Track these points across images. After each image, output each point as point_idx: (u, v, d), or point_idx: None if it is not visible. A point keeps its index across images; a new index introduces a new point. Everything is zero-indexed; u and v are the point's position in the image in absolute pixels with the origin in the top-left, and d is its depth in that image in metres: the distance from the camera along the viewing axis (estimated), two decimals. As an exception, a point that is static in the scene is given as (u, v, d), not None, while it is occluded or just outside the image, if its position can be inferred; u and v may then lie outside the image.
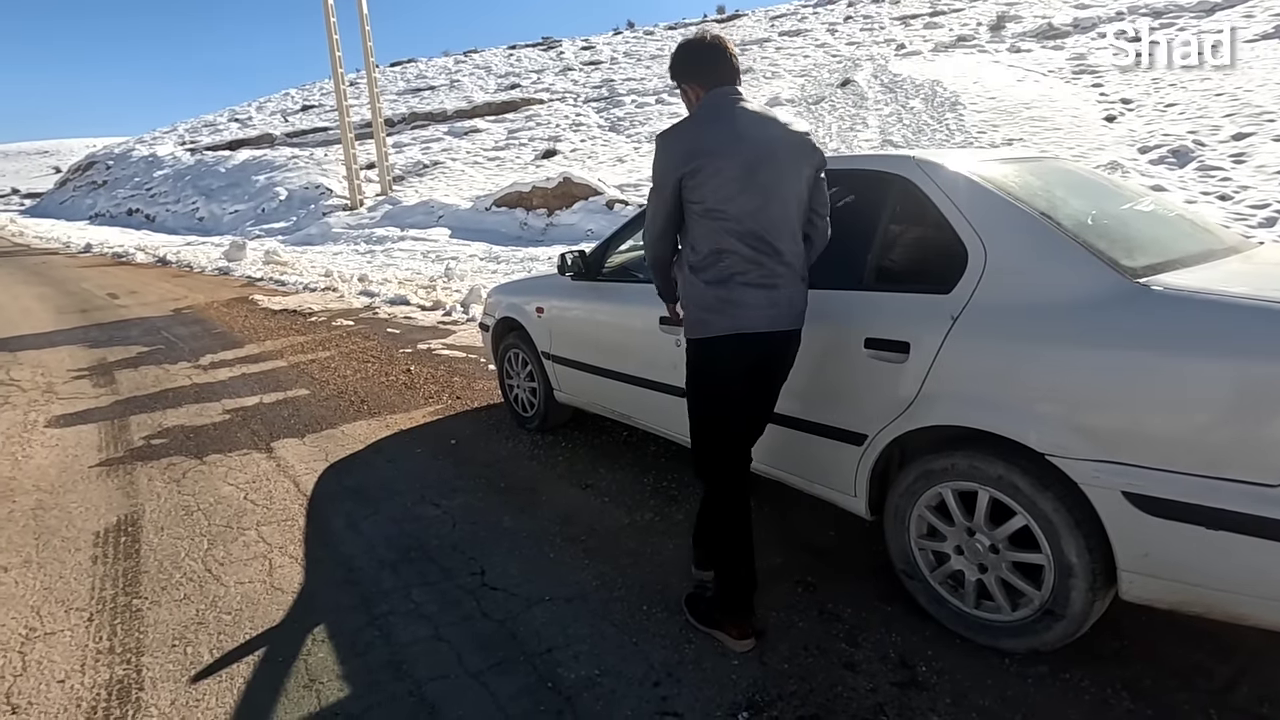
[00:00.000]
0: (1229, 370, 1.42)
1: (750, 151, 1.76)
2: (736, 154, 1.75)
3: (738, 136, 1.76)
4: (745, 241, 1.78)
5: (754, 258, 1.79)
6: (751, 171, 1.75)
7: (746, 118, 1.80)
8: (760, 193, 1.77)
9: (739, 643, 1.90)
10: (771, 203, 1.78)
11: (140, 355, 5.93)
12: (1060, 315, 1.65)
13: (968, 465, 1.77)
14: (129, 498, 3.10)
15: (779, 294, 1.82)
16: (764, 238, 1.79)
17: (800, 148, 1.84)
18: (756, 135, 1.78)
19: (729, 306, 1.80)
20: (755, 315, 1.80)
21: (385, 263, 12.10)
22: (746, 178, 1.75)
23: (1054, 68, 16.22)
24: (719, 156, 1.74)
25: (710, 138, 1.77)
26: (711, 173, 1.75)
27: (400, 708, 1.75)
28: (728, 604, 1.93)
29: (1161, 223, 2.17)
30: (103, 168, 38.85)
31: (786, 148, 1.81)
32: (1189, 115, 10.96)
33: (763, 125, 1.80)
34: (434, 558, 2.46)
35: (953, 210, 1.88)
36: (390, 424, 3.89)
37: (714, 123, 1.79)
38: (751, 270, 1.79)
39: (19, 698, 1.87)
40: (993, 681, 1.73)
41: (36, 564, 2.56)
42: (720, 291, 1.80)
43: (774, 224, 1.79)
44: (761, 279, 1.80)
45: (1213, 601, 1.52)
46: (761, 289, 1.80)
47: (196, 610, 2.22)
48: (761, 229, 1.78)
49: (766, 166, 1.77)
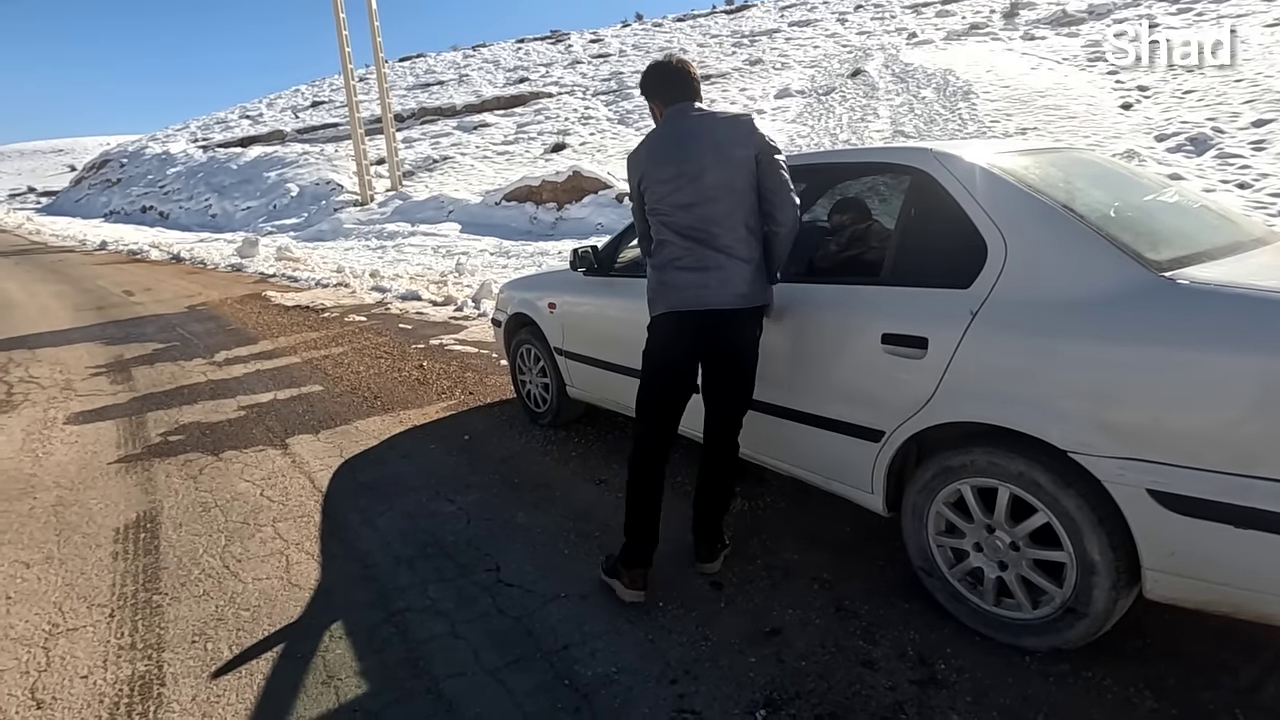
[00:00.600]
0: (1260, 366, 1.39)
1: (684, 157, 2.00)
2: (672, 162, 2.02)
3: (676, 146, 2.03)
4: (680, 233, 2.02)
5: (688, 246, 2.02)
6: (683, 174, 2.00)
7: (688, 126, 2.04)
8: (693, 190, 1.99)
9: (628, 592, 2.08)
10: (704, 198, 1.99)
11: (156, 352, 5.98)
12: (1083, 310, 1.62)
13: (987, 462, 1.75)
14: (147, 494, 3.13)
15: (710, 275, 2.01)
16: (698, 228, 2.01)
17: (734, 140, 2.01)
18: (692, 142, 2.01)
19: (665, 289, 2.06)
20: (686, 295, 2.02)
21: (396, 258, 12.14)
22: (679, 179, 2.00)
23: (1069, 55, 15.98)
24: (659, 165, 2.04)
25: (655, 152, 2.07)
26: (654, 180, 2.05)
27: (418, 705, 1.75)
28: (626, 555, 2.11)
29: (1186, 214, 2.12)
30: (117, 166, 39.20)
31: (718, 147, 2.00)
32: (1208, 102, 10.78)
33: (700, 132, 2.03)
34: (449, 554, 2.47)
35: (971, 203, 1.85)
36: (404, 420, 3.90)
37: (661, 138, 2.07)
38: (685, 257, 2.03)
39: (43, 693, 1.89)
40: (1013, 680, 1.71)
41: (58, 560, 2.59)
42: (661, 275, 2.08)
43: (708, 217, 2.00)
44: (693, 264, 2.02)
45: (1241, 601, 1.50)
46: (693, 272, 2.02)
47: (216, 606, 2.24)
48: (696, 221, 2.01)
49: (697, 167, 1.99)
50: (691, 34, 34.98)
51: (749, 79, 23.74)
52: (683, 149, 2.00)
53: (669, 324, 2.06)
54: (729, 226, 2.00)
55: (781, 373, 2.26)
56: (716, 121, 2.03)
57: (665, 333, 2.08)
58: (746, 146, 2.00)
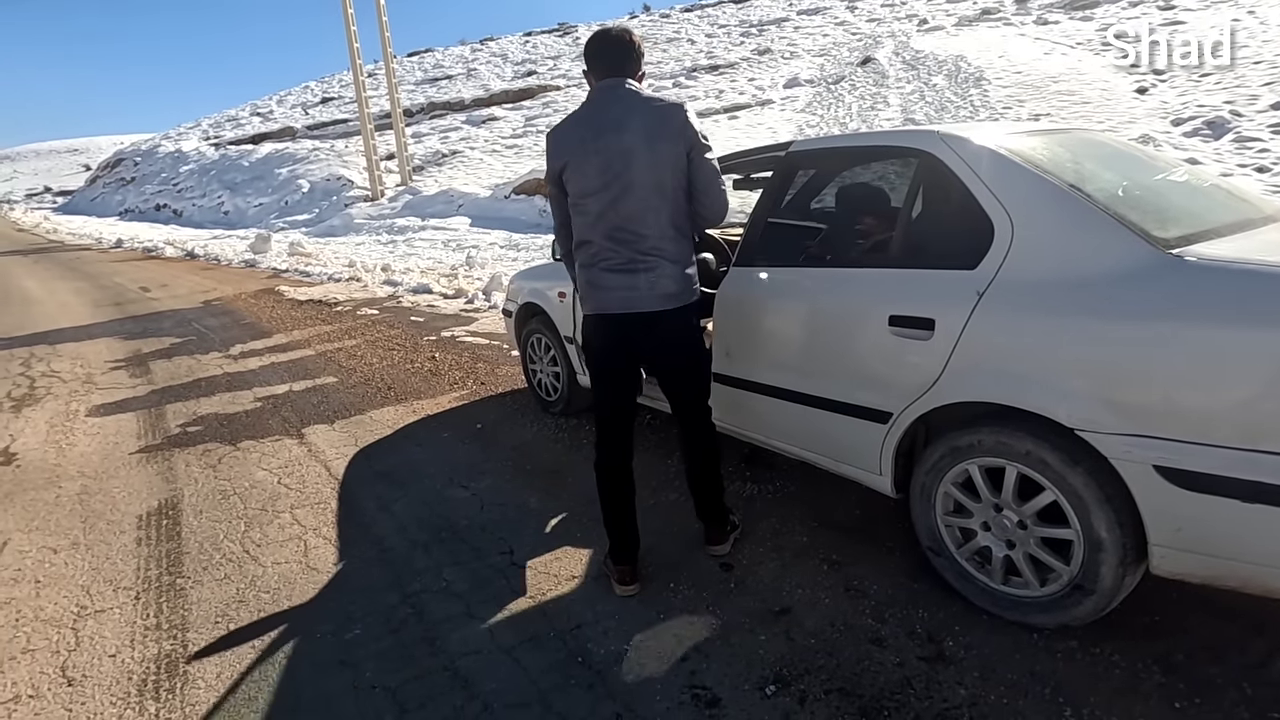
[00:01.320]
0: (1267, 340, 1.39)
1: (607, 149, 1.88)
2: (595, 152, 1.89)
3: (598, 133, 1.89)
4: (604, 233, 1.94)
5: (613, 247, 1.94)
6: (607, 167, 1.88)
7: (614, 112, 1.90)
8: (618, 186, 1.89)
9: (620, 587, 2.12)
10: (629, 195, 1.89)
11: (173, 346, 6.08)
12: (1090, 289, 1.62)
13: (995, 441, 1.76)
14: (168, 483, 3.20)
15: (639, 278, 1.94)
16: (624, 227, 1.92)
17: (664, 134, 1.88)
18: (619, 133, 1.88)
19: (592, 289, 2.00)
20: (614, 296, 1.97)
21: (407, 252, 12.22)
22: (603, 173, 1.89)
23: (1083, 39, 15.76)
24: (580, 154, 1.91)
25: (574, 136, 1.94)
26: (577, 173, 1.93)
27: (435, 681, 1.80)
28: (612, 553, 2.16)
29: (1195, 193, 2.12)
30: (130, 164, 39.61)
31: (646, 140, 1.87)
32: (1225, 85, 10.61)
33: (627, 119, 1.88)
34: (464, 538, 2.51)
35: (978, 184, 1.86)
36: (417, 409, 3.95)
37: (583, 121, 1.95)
38: (613, 257, 1.95)
39: (74, 671, 1.95)
40: (1021, 656, 1.73)
41: (84, 546, 2.66)
42: (588, 275, 2.01)
43: (633, 214, 1.91)
44: (620, 265, 1.95)
45: (1248, 575, 1.51)
46: (621, 274, 1.95)
47: (237, 589, 2.29)
48: (621, 220, 1.91)
49: (621, 161, 1.88)
50: (699, 24, 34.79)
51: (757, 69, 23.62)
52: (609, 140, 1.88)
53: (599, 325, 2.03)
54: (657, 227, 1.93)
55: (790, 357, 2.29)
56: (650, 109, 1.90)
57: (596, 334, 2.06)
58: (677, 142, 1.89)
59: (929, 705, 1.61)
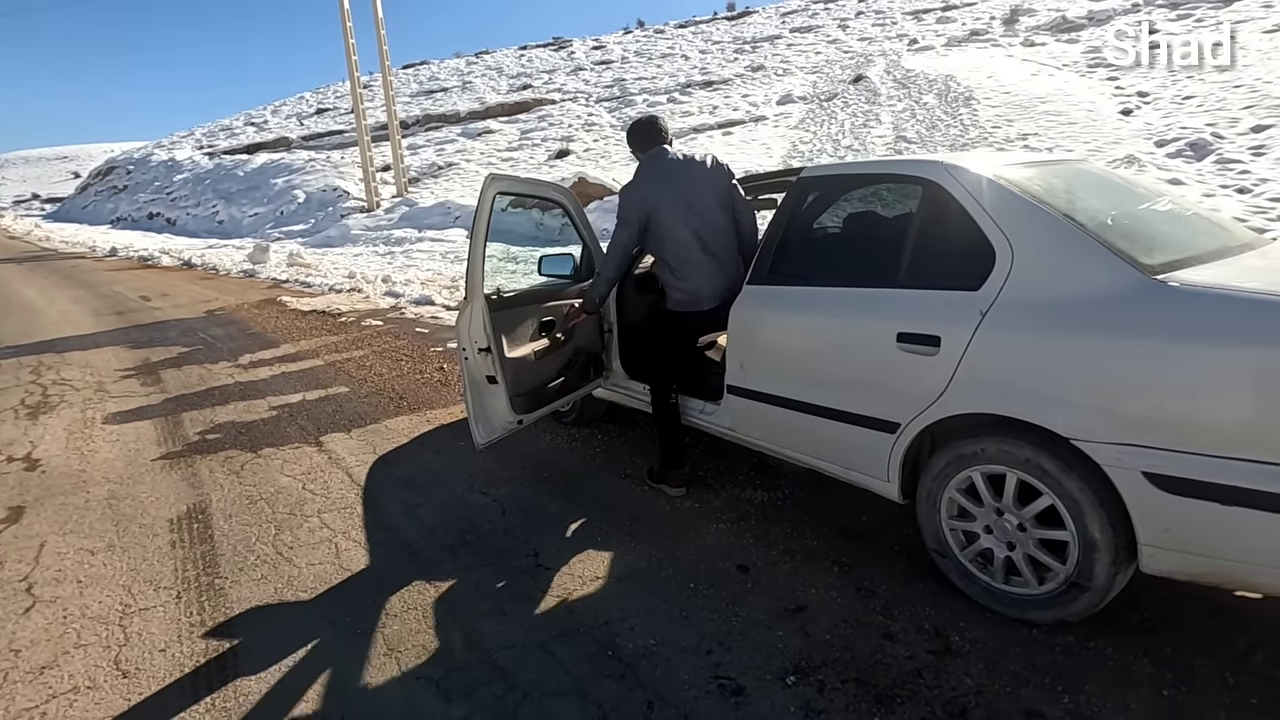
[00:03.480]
0: (1241, 359, 1.55)
1: (681, 191, 2.70)
2: (675, 196, 2.70)
3: (670, 183, 2.72)
4: (693, 249, 2.71)
5: (698, 258, 2.72)
6: (687, 204, 2.69)
7: (675, 168, 2.75)
8: (694, 215, 2.70)
9: (675, 489, 2.86)
10: (704, 218, 2.71)
11: (181, 355, 6.15)
12: (1084, 310, 1.78)
13: (997, 449, 1.91)
14: (194, 488, 3.29)
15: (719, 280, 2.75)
16: (705, 243, 2.71)
17: (712, 175, 2.76)
18: (681, 179, 2.72)
19: (687, 291, 2.76)
20: (705, 294, 2.75)
21: (406, 263, 12.31)
22: (685, 209, 2.69)
23: (1069, 61, 16.18)
24: (665, 201, 2.69)
25: (657, 189, 2.72)
26: (667, 213, 2.69)
27: (476, 673, 1.91)
28: (669, 465, 2.88)
29: (1179, 221, 2.29)
30: (123, 172, 39.45)
31: (702, 180, 2.74)
32: (1207, 107, 10.94)
33: (685, 169, 2.74)
34: (489, 541, 2.62)
35: (980, 212, 2.01)
36: (430, 419, 4.06)
37: (656, 178, 2.74)
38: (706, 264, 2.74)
39: (127, 664, 2.05)
40: (1022, 650, 1.87)
41: (120, 548, 2.75)
42: (684, 284, 2.76)
43: (707, 232, 2.72)
44: (702, 270, 2.73)
45: (1228, 573, 1.66)
46: (706, 277, 2.73)
47: (274, 588, 2.40)
48: (703, 237, 2.71)
49: (692, 196, 2.70)
50: (693, 40, 35.27)
51: (751, 85, 23.97)
52: (681, 186, 2.70)
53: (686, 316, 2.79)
54: (722, 239, 2.76)
55: (801, 370, 2.43)
56: (701, 166, 2.74)
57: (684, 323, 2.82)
58: (724, 178, 2.78)
59: (939, 693, 1.74)
